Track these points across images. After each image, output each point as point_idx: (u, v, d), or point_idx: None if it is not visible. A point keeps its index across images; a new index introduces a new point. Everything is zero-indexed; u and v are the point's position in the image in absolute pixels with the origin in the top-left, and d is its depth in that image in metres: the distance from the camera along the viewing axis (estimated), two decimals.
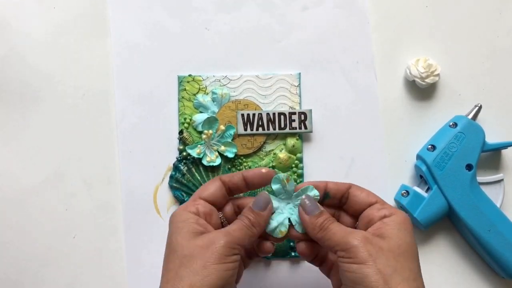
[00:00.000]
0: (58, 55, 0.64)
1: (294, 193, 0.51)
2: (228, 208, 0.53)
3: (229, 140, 0.61)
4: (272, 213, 0.51)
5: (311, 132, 0.62)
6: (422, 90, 0.63)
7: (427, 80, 0.61)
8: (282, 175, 0.50)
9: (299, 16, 0.64)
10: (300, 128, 0.61)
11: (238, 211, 0.53)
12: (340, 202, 0.52)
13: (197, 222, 0.49)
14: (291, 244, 0.61)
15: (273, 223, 0.51)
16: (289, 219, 0.51)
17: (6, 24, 0.65)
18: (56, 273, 0.62)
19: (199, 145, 0.61)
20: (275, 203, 0.51)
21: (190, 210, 0.50)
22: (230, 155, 0.61)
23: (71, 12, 0.65)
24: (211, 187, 0.52)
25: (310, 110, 0.61)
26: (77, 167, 0.63)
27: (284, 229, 0.50)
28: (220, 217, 0.52)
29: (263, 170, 0.52)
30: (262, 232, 0.50)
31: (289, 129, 0.61)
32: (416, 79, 0.62)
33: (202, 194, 0.52)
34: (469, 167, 0.58)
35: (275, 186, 0.51)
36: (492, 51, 0.64)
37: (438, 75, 0.62)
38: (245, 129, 0.61)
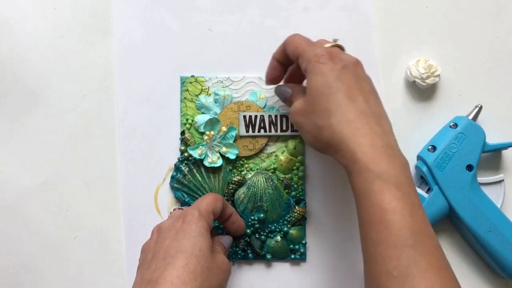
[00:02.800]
0: (59, 56, 0.64)
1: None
2: None
3: (231, 141, 0.61)
4: None
5: None
6: (422, 91, 0.63)
7: (428, 81, 0.61)
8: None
9: (302, 19, 0.64)
10: None
11: None
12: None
13: (210, 236, 0.51)
14: (291, 246, 0.61)
15: None
16: None
17: (6, 24, 0.64)
18: (57, 274, 0.62)
19: (200, 146, 0.61)
20: None
21: (208, 223, 0.51)
22: (232, 157, 0.61)
23: (72, 12, 0.65)
24: (219, 205, 0.54)
25: None
26: (78, 168, 0.63)
27: None
28: None
29: (242, 223, 0.59)
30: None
31: (291, 131, 0.61)
32: (417, 80, 0.62)
33: (215, 210, 0.53)
34: (469, 167, 0.58)
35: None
36: (492, 52, 0.64)
37: (438, 75, 0.62)
38: (247, 131, 0.61)
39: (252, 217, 0.61)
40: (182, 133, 0.62)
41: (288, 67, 0.58)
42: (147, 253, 0.51)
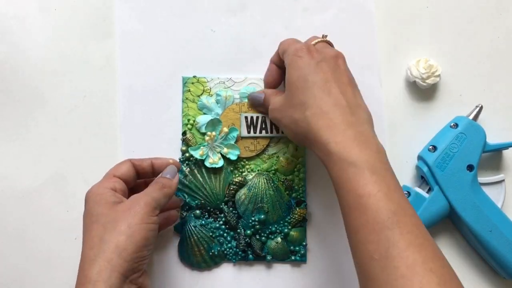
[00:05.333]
0: (60, 56, 0.64)
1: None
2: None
3: (232, 142, 0.61)
4: None
5: None
6: (423, 91, 0.63)
7: (428, 81, 0.62)
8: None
9: (304, 20, 0.64)
10: None
11: None
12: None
13: (115, 195, 0.51)
14: (292, 247, 0.61)
15: None
16: None
17: (7, 25, 0.64)
18: (57, 275, 0.61)
19: (202, 147, 0.61)
20: None
21: (106, 186, 0.51)
22: (233, 158, 0.61)
23: (72, 13, 0.64)
24: (124, 167, 0.54)
25: None
26: (78, 168, 0.63)
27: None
28: None
29: (171, 161, 0.56)
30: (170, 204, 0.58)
31: None
32: (417, 80, 0.62)
33: (116, 172, 0.53)
34: (470, 167, 0.58)
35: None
36: (493, 52, 0.64)
37: (439, 75, 0.62)
38: (248, 132, 0.61)
39: (253, 218, 0.61)
40: (184, 133, 0.62)
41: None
42: None
